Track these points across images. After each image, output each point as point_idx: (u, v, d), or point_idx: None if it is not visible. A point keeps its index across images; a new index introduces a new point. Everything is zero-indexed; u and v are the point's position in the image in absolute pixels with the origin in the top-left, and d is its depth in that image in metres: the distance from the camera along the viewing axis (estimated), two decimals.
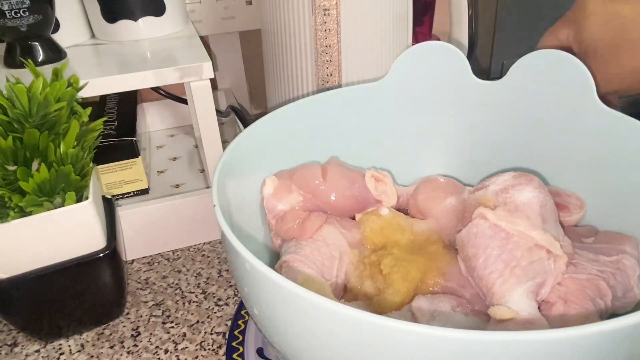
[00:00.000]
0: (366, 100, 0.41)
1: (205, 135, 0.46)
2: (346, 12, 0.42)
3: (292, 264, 0.32)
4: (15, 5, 0.39)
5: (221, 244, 0.50)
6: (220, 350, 0.38)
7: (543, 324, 0.28)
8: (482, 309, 0.31)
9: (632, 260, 0.31)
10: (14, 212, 0.34)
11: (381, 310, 0.32)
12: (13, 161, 0.33)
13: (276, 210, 0.36)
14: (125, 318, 0.42)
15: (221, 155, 0.32)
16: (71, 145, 0.36)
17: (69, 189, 0.35)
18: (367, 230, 0.37)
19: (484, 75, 0.53)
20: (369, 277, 0.34)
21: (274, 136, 0.37)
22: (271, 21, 0.45)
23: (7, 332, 0.41)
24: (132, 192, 0.51)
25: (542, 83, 0.38)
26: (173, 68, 0.42)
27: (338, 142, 0.41)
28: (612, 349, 0.20)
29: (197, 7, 0.60)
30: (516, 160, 0.41)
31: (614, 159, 0.35)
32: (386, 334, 0.20)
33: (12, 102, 0.34)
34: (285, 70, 0.46)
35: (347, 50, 0.44)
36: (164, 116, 0.67)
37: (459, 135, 0.43)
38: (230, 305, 0.43)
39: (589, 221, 0.37)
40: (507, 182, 0.34)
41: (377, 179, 0.39)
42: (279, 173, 0.38)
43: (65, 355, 0.39)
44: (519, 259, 0.30)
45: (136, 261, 0.48)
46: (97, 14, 0.49)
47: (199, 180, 0.54)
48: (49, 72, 0.37)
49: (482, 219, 0.32)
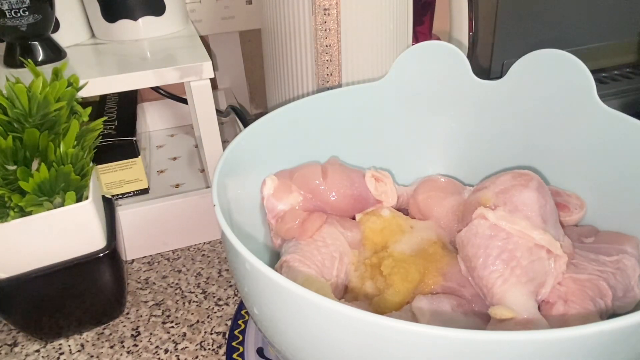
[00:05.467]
0: (366, 100, 0.41)
1: (205, 135, 0.46)
2: (346, 12, 0.42)
3: (292, 263, 0.32)
4: (15, 4, 0.39)
5: (221, 243, 0.50)
6: (220, 350, 0.38)
7: (543, 324, 0.28)
8: (482, 309, 0.31)
9: (632, 260, 0.31)
10: (14, 212, 0.34)
11: (381, 310, 0.32)
12: (13, 161, 0.33)
13: (276, 210, 0.36)
14: (125, 318, 0.42)
15: (221, 155, 0.32)
16: (71, 145, 0.36)
17: (69, 188, 0.35)
18: (367, 230, 0.37)
19: (484, 75, 0.53)
20: (370, 278, 0.34)
21: (274, 136, 0.37)
22: (271, 21, 0.45)
23: (7, 332, 0.41)
24: (132, 191, 0.51)
25: (542, 83, 0.38)
26: (173, 68, 0.42)
27: (338, 142, 0.41)
28: (612, 349, 0.20)
29: (197, 7, 0.60)
30: (516, 160, 0.41)
31: (614, 159, 0.35)
32: (386, 334, 0.20)
33: (12, 102, 0.34)
34: (285, 70, 0.46)
35: (347, 50, 0.44)
36: (164, 116, 0.67)
37: (459, 135, 0.43)
38: (230, 305, 0.43)
39: (589, 221, 0.37)
40: (507, 182, 0.34)
41: (377, 179, 0.39)
42: (279, 173, 0.38)
43: (65, 355, 0.39)
44: (519, 259, 0.30)
45: (136, 261, 0.48)
46: (97, 13, 0.49)
47: (199, 180, 0.54)
48: (49, 72, 0.37)
49: (482, 219, 0.32)
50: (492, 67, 0.57)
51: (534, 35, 0.41)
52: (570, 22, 0.58)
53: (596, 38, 0.60)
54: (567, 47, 0.36)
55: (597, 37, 0.60)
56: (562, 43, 0.57)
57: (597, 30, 0.60)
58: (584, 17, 0.58)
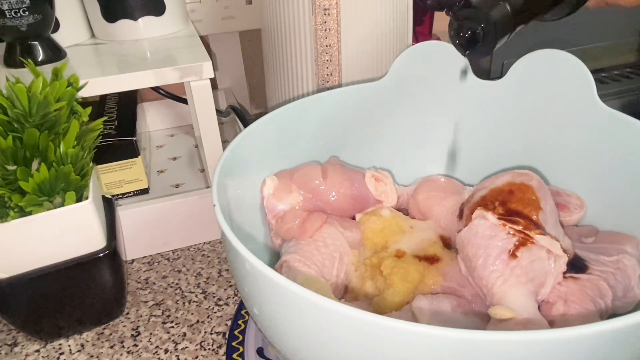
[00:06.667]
0: (366, 100, 0.41)
1: (205, 135, 0.46)
2: (346, 12, 0.42)
3: (292, 263, 0.32)
4: (15, 4, 0.39)
5: (221, 243, 0.50)
6: (220, 350, 0.38)
7: (543, 324, 0.28)
8: (482, 309, 0.31)
9: (632, 260, 0.31)
10: (14, 212, 0.34)
11: (381, 310, 0.32)
12: (13, 161, 0.33)
13: (276, 210, 0.36)
14: (125, 318, 0.42)
15: (221, 155, 0.32)
16: (71, 145, 0.36)
17: (69, 188, 0.35)
18: (367, 230, 0.37)
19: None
20: (370, 278, 0.34)
21: (274, 136, 0.37)
22: (271, 21, 0.45)
23: (7, 332, 0.41)
24: (132, 191, 0.51)
25: (542, 83, 0.38)
26: (173, 68, 0.42)
27: (338, 142, 0.41)
28: (612, 349, 0.20)
29: (197, 7, 0.60)
30: (516, 160, 0.41)
31: (614, 159, 0.35)
32: (386, 334, 0.20)
33: (12, 102, 0.34)
34: (285, 70, 0.46)
35: (347, 50, 0.44)
36: (164, 116, 0.67)
37: (459, 135, 0.43)
38: (230, 305, 0.43)
39: (589, 221, 0.37)
40: (507, 182, 0.34)
41: (377, 179, 0.39)
42: (279, 173, 0.38)
43: (65, 355, 0.39)
44: (519, 259, 0.30)
45: (136, 261, 0.48)
46: (97, 13, 0.49)
47: (199, 180, 0.54)
48: (49, 72, 0.37)
49: (482, 219, 0.32)
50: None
51: (534, 35, 0.41)
52: (570, 22, 0.58)
53: (596, 38, 0.60)
54: (567, 47, 0.36)
55: (597, 37, 0.60)
56: (562, 43, 0.57)
57: (597, 30, 0.60)
58: (584, 17, 0.58)
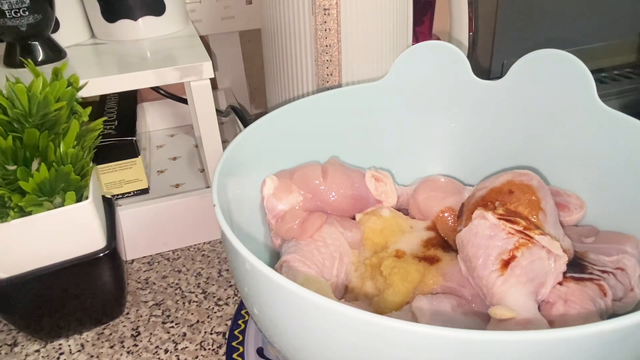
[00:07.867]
0: (366, 100, 0.41)
1: (205, 135, 0.46)
2: (346, 12, 0.42)
3: (292, 263, 0.32)
4: (15, 4, 0.39)
5: (221, 243, 0.50)
6: (220, 350, 0.38)
7: (543, 324, 0.28)
8: (482, 309, 0.31)
9: (632, 260, 0.31)
10: (14, 212, 0.34)
11: (381, 310, 0.32)
12: (13, 161, 0.33)
13: (276, 210, 0.36)
14: (125, 318, 0.42)
15: (221, 155, 0.32)
16: (71, 145, 0.36)
17: (69, 188, 0.35)
18: (367, 230, 0.37)
19: (484, 75, 0.53)
20: (370, 278, 0.34)
21: (274, 136, 0.37)
22: (271, 21, 0.45)
23: (7, 332, 0.41)
24: (132, 191, 0.51)
25: (542, 83, 0.38)
26: (173, 68, 0.42)
27: (338, 142, 0.41)
28: (612, 349, 0.20)
29: (197, 7, 0.60)
30: (516, 160, 0.41)
31: (614, 159, 0.35)
32: (386, 334, 0.20)
33: (12, 102, 0.34)
34: (285, 70, 0.46)
35: (347, 50, 0.44)
36: (164, 116, 0.67)
37: (459, 135, 0.43)
38: (230, 305, 0.43)
39: (589, 221, 0.37)
40: (507, 182, 0.34)
41: (377, 179, 0.39)
42: (279, 173, 0.38)
43: (65, 355, 0.39)
44: (519, 259, 0.30)
45: (136, 261, 0.48)
46: (97, 13, 0.49)
47: (199, 180, 0.54)
48: (49, 72, 0.37)
49: (482, 219, 0.32)
50: (492, 67, 0.57)
51: (534, 35, 0.41)
52: (570, 22, 0.58)
53: (596, 38, 0.60)
54: (567, 47, 0.36)
55: (597, 37, 0.60)
56: (562, 43, 0.57)
57: (597, 30, 0.60)
58: (584, 17, 0.58)
